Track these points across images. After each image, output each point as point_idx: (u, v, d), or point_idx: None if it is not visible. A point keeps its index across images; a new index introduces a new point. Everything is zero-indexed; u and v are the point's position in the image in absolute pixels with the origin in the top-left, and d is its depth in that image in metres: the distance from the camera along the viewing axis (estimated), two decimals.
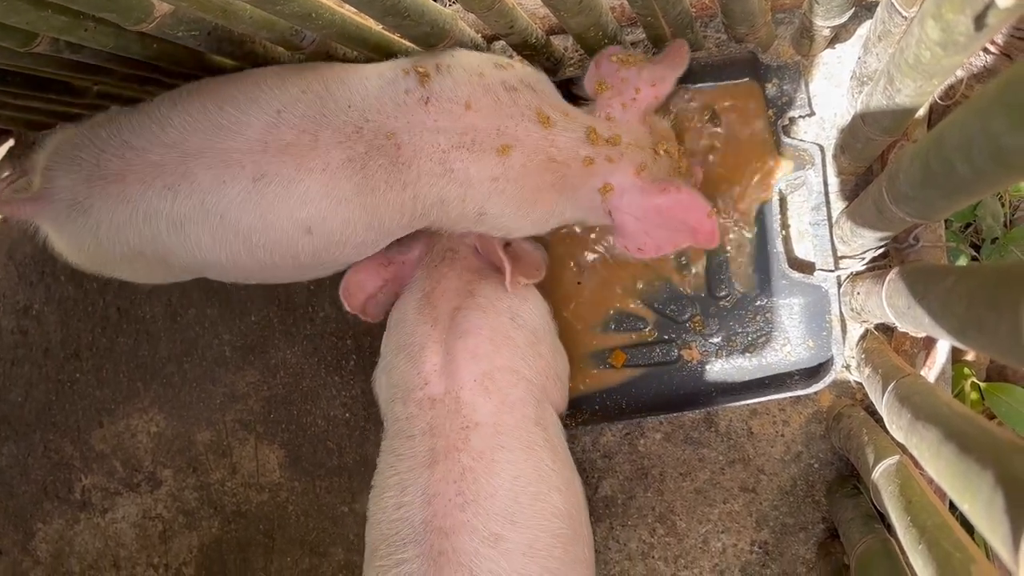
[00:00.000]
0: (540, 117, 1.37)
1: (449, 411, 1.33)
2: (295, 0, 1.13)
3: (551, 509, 1.31)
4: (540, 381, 1.44)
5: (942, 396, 0.97)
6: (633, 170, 1.43)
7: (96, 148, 1.33)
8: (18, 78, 1.57)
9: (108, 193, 1.32)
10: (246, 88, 1.32)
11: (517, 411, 1.36)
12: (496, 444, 1.31)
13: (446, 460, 1.29)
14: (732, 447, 1.67)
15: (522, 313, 1.46)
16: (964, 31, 0.69)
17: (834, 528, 1.61)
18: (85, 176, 1.32)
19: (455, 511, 1.24)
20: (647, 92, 1.46)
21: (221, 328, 1.97)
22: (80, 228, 1.35)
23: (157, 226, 1.34)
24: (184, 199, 1.31)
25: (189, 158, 1.29)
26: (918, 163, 0.84)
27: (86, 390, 2.07)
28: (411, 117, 1.32)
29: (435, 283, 1.48)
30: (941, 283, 0.85)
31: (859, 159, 1.47)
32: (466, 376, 1.35)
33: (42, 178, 1.36)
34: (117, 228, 1.34)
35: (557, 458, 1.38)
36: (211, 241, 1.35)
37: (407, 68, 1.35)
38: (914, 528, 0.99)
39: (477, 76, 1.36)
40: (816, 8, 1.32)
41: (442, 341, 1.39)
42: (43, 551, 2.11)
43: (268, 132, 1.29)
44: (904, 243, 1.44)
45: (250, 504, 1.95)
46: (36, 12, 1.11)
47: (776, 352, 1.63)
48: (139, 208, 1.32)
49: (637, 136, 1.45)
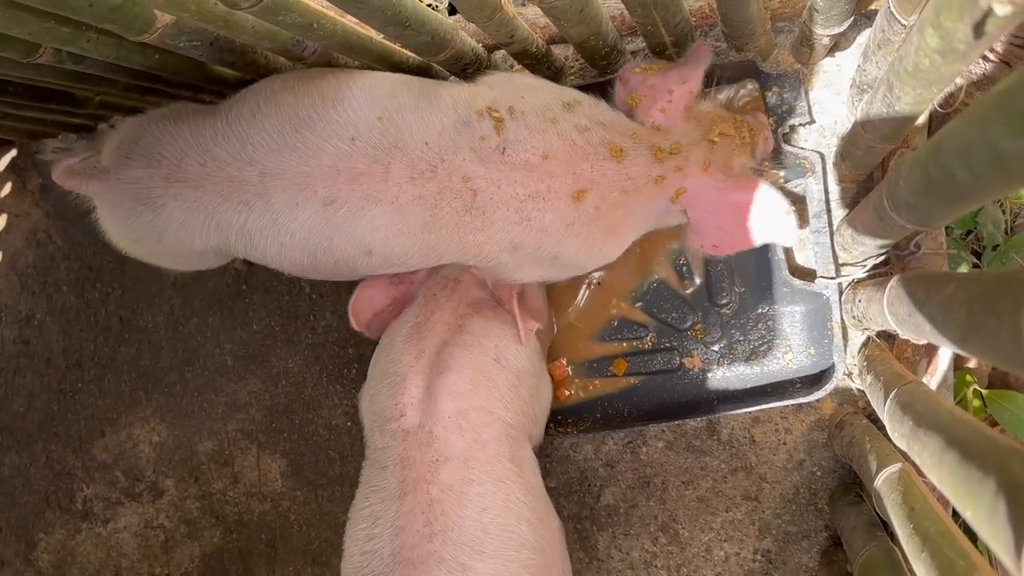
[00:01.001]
0: (613, 151, 1.37)
1: (421, 444, 1.33)
2: (296, 11, 1.13)
3: (519, 540, 1.30)
4: (517, 421, 1.44)
5: (944, 403, 0.97)
6: (700, 170, 1.42)
7: (179, 149, 1.35)
8: (20, 89, 1.58)
9: (185, 197, 1.35)
10: (323, 108, 1.32)
11: (490, 449, 1.36)
12: (465, 478, 1.31)
13: (415, 492, 1.29)
14: (734, 455, 1.66)
15: (507, 355, 1.46)
16: (963, 39, 0.69)
17: (837, 536, 1.60)
18: (164, 175, 1.35)
19: (423, 542, 1.24)
20: (680, 91, 1.44)
21: (223, 337, 1.97)
22: (145, 223, 1.38)
23: (227, 235, 1.38)
24: (258, 216, 1.34)
25: (266, 178, 1.32)
26: (918, 170, 0.84)
27: (88, 400, 2.07)
28: (488, 165, 1.32)
29: (429, 313, 1.47)
30: (942, 290, 0.85)
31: (859, 166, 1.47)
32: (442, 412, 1.35)
33: (113, 160, 1.38)
34: (185, 231, 1.38)
35: (529, 491, 1.38)
36: (277, 252, 1.39)
37: (481, 110, 1.34)
38: (917, 535, 0.98)
39: (550, 123, 1.35)
40: (816, 17, 1.33)
41: (424, 374, 1.39)
42: (45, 561, 2.10)
43: (341, 159, 1.30)
44: (905, 250, 1.44)
45: (252, 513, 1.95)
46: (39, 23, 1.11)
47: (778, 360, 1.63)
48: (212, 217, 1.36)
49: (690, 135, 1.44)
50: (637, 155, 1.39)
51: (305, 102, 1.34)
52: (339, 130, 1.31)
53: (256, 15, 1.09)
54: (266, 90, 1.39)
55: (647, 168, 1.40)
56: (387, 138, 1.31)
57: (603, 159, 1.37)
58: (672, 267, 1.68)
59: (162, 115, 1.41)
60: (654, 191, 1.42)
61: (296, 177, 1.31)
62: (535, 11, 1.63)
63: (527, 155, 1.33)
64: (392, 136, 1.31)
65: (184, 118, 1.38)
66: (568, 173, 1.35)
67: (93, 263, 2.06)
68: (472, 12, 1.28)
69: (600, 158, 1.37)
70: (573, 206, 1.36)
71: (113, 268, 2.04)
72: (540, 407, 1.55)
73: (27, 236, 2.12)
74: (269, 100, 1.36)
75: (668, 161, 1.40)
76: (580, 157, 1.36)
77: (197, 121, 1.37)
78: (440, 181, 1.32)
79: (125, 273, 2.03)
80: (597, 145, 1.37)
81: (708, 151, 1.43)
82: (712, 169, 1.43)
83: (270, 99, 1.36)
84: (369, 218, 1.33)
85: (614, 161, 1.37)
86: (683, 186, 1.42)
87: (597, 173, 1.37)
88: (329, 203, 1.32)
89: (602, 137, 1.38)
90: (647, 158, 1.40)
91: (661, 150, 1.40)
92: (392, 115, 1.32)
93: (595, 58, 1.57)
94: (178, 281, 1.99)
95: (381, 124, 1.31)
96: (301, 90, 1.36)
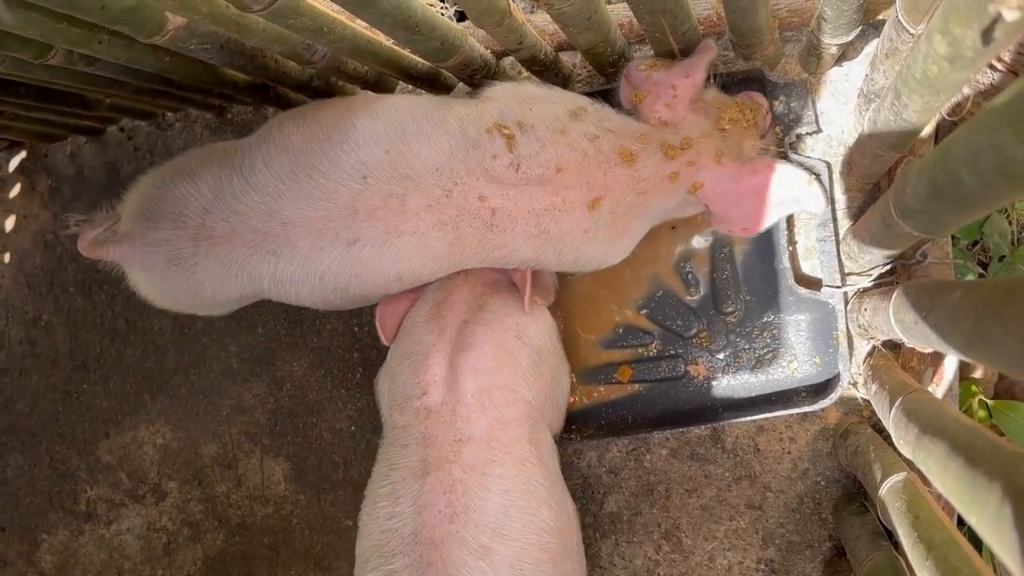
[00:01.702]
0: (624, 156, 1.38)
1: (444, 423, 1.34)
2: (307, 15, 1.14)
3: (540, 524, 1.31)
4: (538, 402, 1.44)
5: (949, 411, 0.97)
6: (714, 161, 1.43)
7: (201, 208, 1.37)
8: (32, 90, 1.59)
9: (215, 254, 1.37)
10: (332, 151, 1.33)
11: (512, 429, 1.36)
12: (488, 459, 1.31)
13: (437, 471, 1.29)
14: (738, 464, 1.66)
15: (528, 332, 1.47)
16: (971, 45, 0.70)
17: (841, 546, 1.60)
18: (191, 235, 1.37)
19: (444, 522, 1.25)
20: (684, 84, 1.45)
21: (228, 340, 1.98)
22: (180, 281, 1.41)
23: (259, 283, 1.40)
24: (286, 264, 1.36)
25: (288, 227, 1.34)
26: (925, 177, 0.84)
27: (93, 401, 2.07)
28: (503, 183, 1.34)
29: (447, 293, 1.48)
30: (947, 297, 0.85)
31: (866, 176, 1.47)
32: (465, 390, 1.36)
33: (136, 224, 1.40)
34: (220, 284, 1.40)
35: (548, 476, 1.38)
36: (309, 293, 1.41)
37: (490, 127, 1.34)
38: (921, 544, 0.98)
39: (560, 134, 1.36)
40: (824, 26, 1.33)
41: (446, 352, 1.39)
42: (47, 562, 2.11)
43: (356, 199, 1.32)
44: (911, 260, 1.44)
45: (255, 517, 1.95)
46: (51, 24, 1.12)
47: (783, 368, 1.63)
48: (244, 269, 1.38)
49: (700, 127, 1.44)
50: (648, 156, 1.40)
51: (313, 146, 1.35)
52: (350, 171, 1.32)
53: (267, 18, 1.10)
54: (272, 136, 1.39)
55: (659, 167, 1.40)
56: (398, 170, 1.32)
57: (615, 165, 1.38)
58: (678, 275, 1.68)
59: (177, 170, 1.42)
60: (669, 187, 1.43)
61: (316, 222, 1.33)
62: (544, 18, 1.64)
63: (541, 170, 1.34)
64: (402, 168, 1.32)
65: (200, 173, 1.40)
66: (582, 183, 1.36)
67: (100, 265, 2.06)
68: (481, 18, 1.28)
69: (612, 164, 1.38)
70: (589, 214, 1.38)
71: (120, 270, 2.04)
72: (561, 389, 1.55)
73: (35, 237, 2.13)
74: (279, 148, 1.37)
75: (680, 156, 1.41)
76: (592, 166, 1.37)
77: (213, 175, 1.38)
78: (457, 204, 1.33)
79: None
80: (608, 152, 1.38)
81: (720, 140, 1.44)
82: (725, 159, 1.44)
83: (279, 147, 1.37)
84: (393, 251, 1.35)
85: (626, 166, 1.38)
86: (698, 180, 1.43)
87: (610, 179, 1.38)
88: (353, 243, 1.33)
89: (612, 143, 1.38)
90: (658, 157, 1.40)
91: (671, 147, 1.41)
92: (399, 147, 1.33)
93: (603, 65, 1.57)
94: None
95: (390, 158, 1.32)
96: (307, 133, 1.37)
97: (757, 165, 1.44)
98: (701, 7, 1.57)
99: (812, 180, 1.43)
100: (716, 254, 1.66)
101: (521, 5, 1.87)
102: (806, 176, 1.43)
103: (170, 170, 1.43)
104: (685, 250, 1.67)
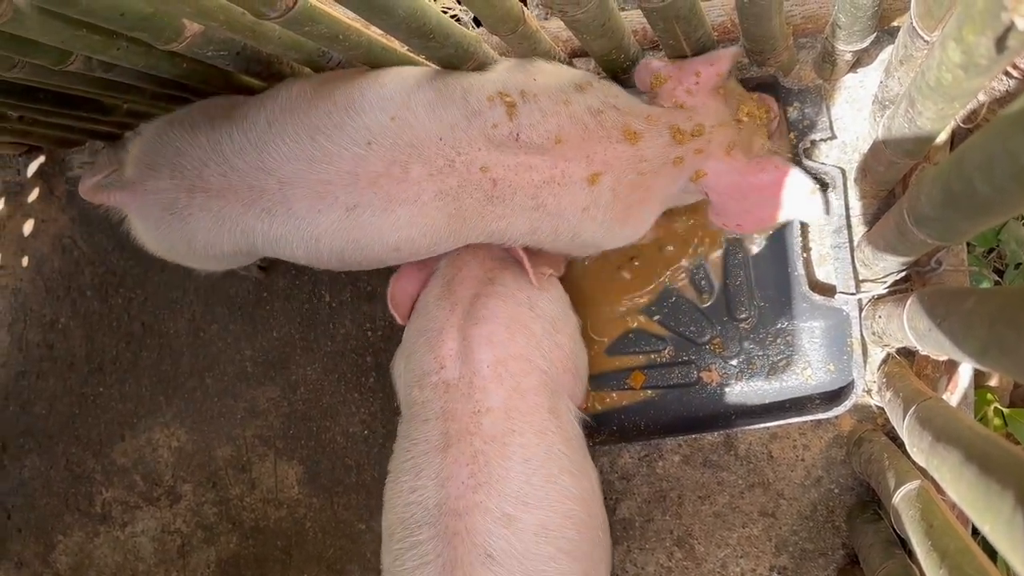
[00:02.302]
0: (627, 134, 1.37)
1: (462, 395, 1.35)
2: (323, 22, 1.15)
3: (563, 491, 1.32)
4: (555, 371, 1.45)
5: (963, 418, 0.97)
6: (723, 152, 1.42)
7: (199, 159, 1.38)
8: (50, 96, 1.61)
9: (209, 207, 1.38)
10: (336, 115, 1.34)
11: (529, 399, 1.37)
12: (507, 428, 1.32)
13: (459, 443, 1.30)
14: (751, 471, 1.66)
15: (540, 303, 1.47)
16: (985, 53, 0.70)
17: (854, 554, 1.59)
18: (187, 186, 1.38)
19: (468, 492, 1.26)
20: (709, 71, 1.43)
21: (243, 344, 1.99)
22: (174, 231, 1.42)
23: (253, 240, 1.41)
24: (281, 223, 1.37)
25: (286, 186, 1.34)
26: (939, 184, 0.84)
27: (109, 404, 2.09)
28: (503, 152, 1.33)
29: (457, 270, 1.49)
30: (962, 304, 0.85)
31: (881, 182, 1.47)
32: (480, 362, 1.37)
33: (137, 171, 1.41)
34: (213, 237, 1.41)
35: (569, 444, 1.39)
36: (304, 253, 1.41)
37: (492, 96, 1.35)
38: (935, 552, 0.98)
39: (563, 105, 1.36)
40: (838, 33, 1.33)
41: (460, 327, 1.41)
42: (63, 563, 2.12)
43: (358, 164, 1.32)
44: (926, 267, 1.44)
45: (268, 520, 1.96)
46: (71, 31, 1.14)
47: (796, 375, 1.63)
48: (238, 225, 1.39)
49: (718, 114, 1.43)
50: (653, 137, 1.39)
51: (319, 109, 1.36)
52: (354, 135, 1.32)
53: (283, 26, 1.11)
54: (280, 97, 1.41)
55: (664, 150, 1.39)
56: (402, 138, 1.32)
57: (616, 142, 1.37)
58: (690, 280, 1.68)
59: (180, 121, 1.43)
60: (671, 172, 1.42)
61: (316, 185, 1.33)
62: (558, 24, 1.64)
63: (540, 140, 1.33)
64: (407, 135, 1.32)
65: (201, 126, 1.40)
66: (581, 156, 1.35)
67: (117, 269, 2.08)
68: (495, 25, 1.29)
69: (613, 141, 1.37)
70: (588, 190, 1.37)
71: (136, 274, 2.07)
72: (579, 359, 1.55)
73: (53, 241, 2.15)
74: (283, 108, 1.38)
75: (688, 143, 1.40)
76: (593, 140, 1.36)
77: (214, 129, 1.39)
78: (459, 175, 1.33)
79: (148, 279, 2.06)
80: (610, 128, 1.37)
81: (735, 132, 1.43)
82: (735, 152, 1.43)
83: (284, 107, 1.38)
84: (393, 218, 1.34)
85: (628, 144, 1.37)
86: (703, 168, 1.42)
87: (611, 156, 1.37)
88: (352, 208, 1.33)
89: (615, 120, 1.37)
90: (664, 140, 1.39)
91: (681, 131, 1.40)
92: (404, 114, 1.33)
93: (617, 72, 1.58)
94: (200, 288, 2.01)
95: (395, 125, 1.32)
96: (314, 97, 1.38)
97: (765, 163, 1.43)
98: (715, 13, 1.57)
99: (816, 189, 1.41)
100: (730, 260, 1.66)
101: (535, 12, 1.88)
102: (811, 184, 1.41)
103: (174, 120, 1.44)
104: (698, 256, 1.67)
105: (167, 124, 1.44)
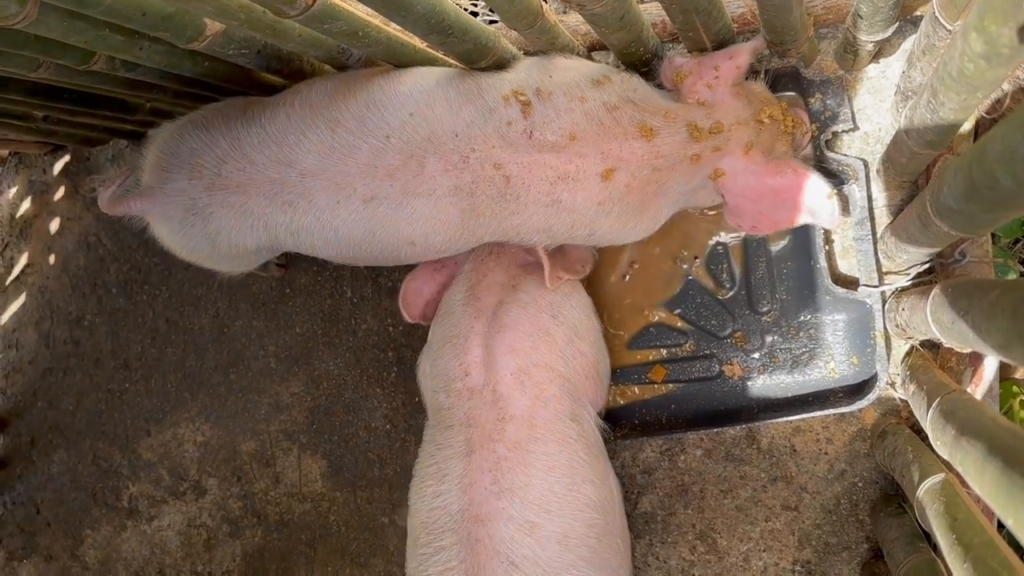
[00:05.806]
0: (643, 130, 1.37)
1: (486, 402, 1.36)
2: (343, 19, 1.16)
3: (584, 500, 1.33)
4: (577, 379, 1.45)
5: (987, 411, 0.96)
6: (742, 151, 1.42)
7: (216, 157, 1.40)
8: (74, 95, 1.63)
9: (230, 203, 1.40)
10: (357, 109, 1.36)
11: (551, 406, 1.38)
12: (530, 436, 1.34)
13: (482, 450, 1.32)
14: (774, 464, 1.65)
15: (563, 310, 1.48)
16: (1007, 43, 0.69)
17: (878, 548, 1.58)
18: (207, 184, 1.40)
19: (491, 499, 1.28)
20: (727, 65, 1.43)
21: (267, 340, 2.01)
22: (197, 231, 1.44)
23: (275, 234, 1.43)
24: (302, 215, 1.39)
25: (306, 178, 1.37)
26: (961, 175, 0.83)
27: (135, 399, 2.12)
28: (517, 150, 1.34)
29: (481, 276, 1.50)
30: (985, 297, 0.84)
31: (903, 173, 1.45)
32: (504, 369, 1.38)
33: (154, 176, 1.44)
34: (236, 234, 1.44)
35: (591, 452, 1.40)
36: (323, 245, 1.44)
37: (507, 94, 1.35)
38: (959, 546, 0.97)
39: (578, 101, 1.35)
40: (860, 23, 1.32)
41: (483, 334, 1.42)
42: (91, 557, 2.15)
43: (376, 156, 1.34)
44: (950, 258, 1.42)
45: (292, 514, 1.98)
46: (94, 31, 1.15)
47: (819, 369, 1.62)
48: (260, 220, 1.41)
49: (737, 113, 1.42)
50: (670, 134, 1.38)
51: (338, 103, 1.37)
52: (373, 129, 1.34)
53: (303, 23, 1.12)
54: (300, 93, 1.42)
55: (681, 147, 1.39)
56: (419, 133, 1.34)
57: (632, 138, 1.36)
58: (710, 274, 1.67)
59: (193, 123, 1.45)
60: (688, 169, 1.41)
61: (335, 176, 1.36)
62: (576, 18, 1.64)
63: (554, 137, 1.34)
64: (424, 131, 1.34)
65: (217, 125, 1.42)
66: (596, 152, 1.35)
67: (142, 266, 2.11)
68: (514, 20, 1.29)
69: (629, 137, 1.36)
70: (602, 185, 1.37)
71: (161, 271, 2.09)
72: (601, 366, 1.56)
73: (78, 239, 2.17)
74: (303, 103, 1.40)
75: (706, 140, 1.40)
76: (608, 136, 1.36)
77: (231, 127, 1.41)
78: (473, 171, 1.34)
79: (172, 276, 2.08)
80: (626, 124, 1.36)
81: (754, 132, 1.42)
82: (754, 152, 1.42)
83: (304, 102, 1.40)
84: (408, 211, 1.36)
85: (644, 140, 1.37)
86: (720, 167, 1.42)
87: (626, 152, 1.36)
88: (369, 200, 1.36)
89: (631, 116, 1.37)
90: (681, 137, 1.39)
91: (699, 129, 1.39)
92: (422, 110, 1.35)
93: (636, 65, 1.57)
94: (224, 284, 2.03)
95: (413, 120, 1.34)
96: (334, 93, 1.39)
97: (782, 166, 1.41)
98: (735, 5, 1.56)
99: (833, 195, 1.39)
100: (750, 253, 1.65)
101: (553, 6, 1.87)
102: (828, 189, 1.39)
103: (186, 123, 1.46)
104: (719, 249, 1.66)
105: (180, 127, 1.46)
